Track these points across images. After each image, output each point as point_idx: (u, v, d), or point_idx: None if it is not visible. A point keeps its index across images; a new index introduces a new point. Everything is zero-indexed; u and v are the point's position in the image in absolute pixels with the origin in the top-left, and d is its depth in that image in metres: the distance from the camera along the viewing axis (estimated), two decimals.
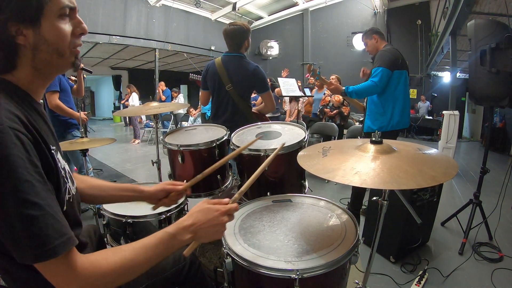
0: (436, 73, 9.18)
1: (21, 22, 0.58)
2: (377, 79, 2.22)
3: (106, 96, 14.60)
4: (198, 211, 0.72)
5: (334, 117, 4.70)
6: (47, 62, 0.64)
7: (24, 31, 0.59)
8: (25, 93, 0.66)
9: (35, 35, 0.60)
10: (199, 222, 0.70)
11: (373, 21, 8.49)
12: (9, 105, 0.58)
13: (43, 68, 0.65)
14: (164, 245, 0.67)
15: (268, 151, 1.29)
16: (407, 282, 1.84)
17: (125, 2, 6.82)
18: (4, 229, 0.52)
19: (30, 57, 0.62)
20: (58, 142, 0.75)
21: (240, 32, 2.00)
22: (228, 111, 2.04)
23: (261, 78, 2.04)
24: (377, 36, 2.43)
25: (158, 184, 1.02)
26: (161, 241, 0.67)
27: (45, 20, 0.61)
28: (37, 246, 0.51)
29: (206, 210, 0.72)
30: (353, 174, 0.80)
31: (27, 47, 0.61)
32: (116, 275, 0.60)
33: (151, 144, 6.90)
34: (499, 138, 6.54)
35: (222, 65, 2.01)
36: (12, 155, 0.51)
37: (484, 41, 2.10)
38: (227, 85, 1.99)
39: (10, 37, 0.59)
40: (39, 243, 0.52)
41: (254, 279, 0.85)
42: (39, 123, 0.65)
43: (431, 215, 2.27)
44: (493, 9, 3.63)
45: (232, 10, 8.41)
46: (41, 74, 0.66)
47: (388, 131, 2.27)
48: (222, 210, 0.73)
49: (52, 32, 0.62)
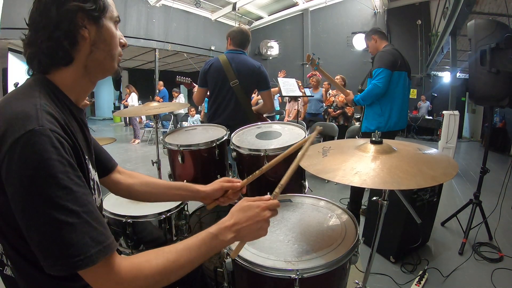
0: (436, 73, 9.18)
1: (87, 16, 0.62)
2: (378, 81, 2.23)
3: (106, 96, 14.60)
4: (239, 210, 0.69)
5: (338, 117, 4.70)
6: (99, 62, 0.67)
7: (88, 26, 0.63)
8: (65, 96, 0.66)
9: (97, 32, 0.64)
10: (241, 221, 0.67)
11: (373, 21, 8.49)
12: (50, 107, 0.58)
13: (93, 68, 0.67)
14: (206, 246, 0.65)
15: (268, 151, 1.29)
16: (407, 282, 1.84)
17: (125, 2, 6.82)
18: (37, 236, 0.50)
19: (86, 53, 0.65)
20: (92, 152, 0.75)
21: (250, 37, 2.18)
22: (229, 108, 2.02)
23: (265, 75, 2.10)
24: (376, 36, 2.43)
25: (214, 182, 0.97)
26: (204, 242, 0.65)
27: (106, 21, 0.66)
28: (73, 255, 0.50)
29: (246, 208, 0.69)
30: (353, 174, 0.80)
31: (88, 42, 0.64)
32: (159, 278, 0.58)
33: (151, 144, 6.90)
34: (499, 138, 6.54)
35: (227, 61, 2.02)
36: (51, 159, 0.50)
37: (484, 41, 2.10)
38: (232, 81, 2.00)
39: (77, 26, 0.61)
40: (74, 252, 0.50)
41: (254, 279, 0.85)
42: (76, 130, 0.65)
43: (431, 215, 2.27)
44: (493, 9, 3.63)
45: (232, 10, 8.42)
46: (88, 74, 0.68)
47: (385, 132, 2.27)
48: (263, 206, 0.69)
49: (110, 34, 0.67)
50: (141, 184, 0.93)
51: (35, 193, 0.49)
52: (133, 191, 0.92)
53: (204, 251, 0.64)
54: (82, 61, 0.65)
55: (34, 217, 0.50)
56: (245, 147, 1.36)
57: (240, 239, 0.69)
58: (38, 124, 0.52)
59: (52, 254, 0.50)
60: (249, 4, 8.67)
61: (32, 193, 0.49)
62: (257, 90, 2.16)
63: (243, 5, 8.38)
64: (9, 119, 0.53)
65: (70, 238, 0.50)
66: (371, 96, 2.30)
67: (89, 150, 0.73)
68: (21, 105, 0.55)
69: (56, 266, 0.50)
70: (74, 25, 0.61)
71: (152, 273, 0.57)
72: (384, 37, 2.45)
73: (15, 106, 0.55)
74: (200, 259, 0.64)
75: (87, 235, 0.51)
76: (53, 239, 0.49)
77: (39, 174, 0.49)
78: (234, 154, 1.40)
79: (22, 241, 0.56)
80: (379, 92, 2.26)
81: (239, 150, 1.38)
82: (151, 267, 0.58)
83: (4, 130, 0.52)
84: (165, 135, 1.67)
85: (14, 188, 0.50)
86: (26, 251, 0.58)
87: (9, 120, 0.53)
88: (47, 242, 0.50)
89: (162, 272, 0.58)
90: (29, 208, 0.50)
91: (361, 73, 5.45)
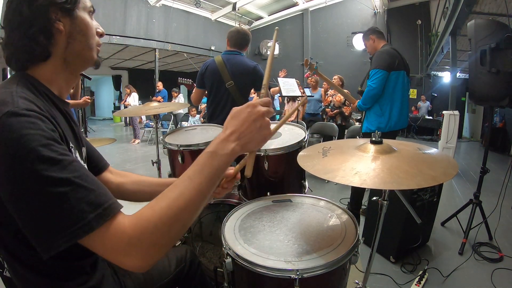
0: (436, 73, 9.18)
1: (60, 9, 0.62)
2: (372, 82, 2.26)
3: (106, 96, 14.61)
4: (230, 119, 0.61)
5: (335, 117, 4.70)
6: (77, 54, 0.67)
7: (62, 19, 0.63)
8: (46, 89, 0.65)
9: (71, 24, 0.64)
10: (237, 127, 0.59)
11: (373, 21, 8.48)
12: (27, 95, 0.57)
13: (72, 60, 0.67)
14: (209, 167, 0.57)
15: (268, 151, 1.29)
16: (407, 282, 1.84)
17: (125, 2, 6.82)
18: (30, 217, 0.48)
19: (64, 46, 0.65)
20: (81, 146, 0.74)
21: (249, 36, 2.16)
22: (226, 109, 2.05)
23: (261, 75, 2.08)
24: (374, 36, 2.43)
25: None
26: (205, 164, 0.57)
27: (79, 12, 0.66)
28: (69, 225, 0.47)
29: (237, 113, 0.61)
30: (353, 174, 0.80)
31: (63, 35, 0.64)
32: (169, 221, 0.52)
33: (151, 144, 6.90)
34: (499, 138, 6.54)
35: (222, 62, 2.04)
36: (29, 134, 0.48)
37: (484, 41, 2.10)
38: (227, 82, 2.01)
39: (51, 21, 0.61)
40: (70, 222, 0.47)
41: (254, 279, 0.85)
42: (60, 120, 0.64)
43: (431, 215, 2.27)
44: (493, 9, 3.63)
45: (232, 10, 8.42)
46: (68, 67, 0.68)
47: (386, 132, 2.28)
48: (253, 103, 0.61)
49: (85, 24, 0.67)
50: (132, 183, 0.91)
51: (19, 172, 0.47)
52: (124, 190, 0.89)
53: (208, 174, 0.57)
54: (60, 55, 0.65)
55: (23, 198, 0.48)
56: None
57: (245, 146, 0.60)
58: (13, 106, 0.51)
59: (49, 231, 0.48)
60: (249, 4, 8.66)
61: (17, 173, 0.47)
62: (254, 90, 2.16)
63: (243, 5, 8.38)
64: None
65: (62, 208, 0.47)
66: (369, 98, 2.31)
67: (76, 141, 0.71)
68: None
69: (55, 242, 0.47)
70: (48, 20, 0.61)
71: (160, 217, 0.51)
72: (382, 37, 2.45)
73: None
74: (207, 185, 0.57)
75: (83, 201, 0.49)
76: (46, 215, 0.47)
77: (19, 152, 0.47)
78: None
79: (18, 244, 0.56)
80: (375, 93, 2.27)
81: None
82: (155, 212, 0.52)
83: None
84: (165, 135, 1.67)
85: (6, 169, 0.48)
86: (22, 254, 0.58)
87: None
88: (41, 220, 0.47)
89: (169, 213, 0.52)
90: (16, 189, 0.48)
91: (361, 73, 5.45)
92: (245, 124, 0.60)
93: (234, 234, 0.98)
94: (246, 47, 2.16)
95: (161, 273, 0.95)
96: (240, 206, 1.18)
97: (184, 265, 1.04)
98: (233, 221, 1.06)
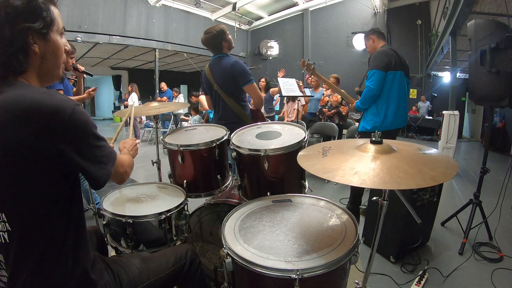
0: (436, 73, 9.18)
1: (37, 34, 0.72)
2: (370, 83, 2.27)
3: (106, 96, 14.61)
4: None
5: (333, 116, 4.70)
6: (48, 71, 0.78)
7: (38, 41, 0.73)
8: None
9: (45, 46, 0.74)
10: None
11: (373, 21, 8.48)
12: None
13: (43, 76, 0.78)
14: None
15: (268, 151, 1.29)
16: (407, 282, 1.84)
17: (125, 2, 6.82)
18: (91, 156, 0.74)
19: (37, 64, 0.75)
20: None
21: (213, 37, 2.07)
22: (220, 110, 2.16)
23: (240, 70, 2.03)
24: (374, 36, 2.45)
25: None
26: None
27: (53, 35, 0.75)
28: (112, 160, 0.81)
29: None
30: (352, 174, 0.80)
31: (37, 55, 0.74)
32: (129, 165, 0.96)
33: (151, 144, 6.91)
34: (499, 138, 6.55)
35: (209, 68, 2.15)
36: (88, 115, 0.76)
37: (484, 41, 2.10)
38: (214, 86, 2.11)
39: (28, 43, 0.71)
40: (112, 157, 0.81)
41: (254, 279, 0.85)
42: None
43: (431, 215, 2.27)
44: (493, 9, 3.63)
45: (232, 10, 8.41)
46: (41, 81, 0.78)
47: (383, 131, 2.28)
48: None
49: (56, 46, 0.77)
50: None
51: (94, 135, 0.75)
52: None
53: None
54: (35, 71, 0.75)
55: (88, 146, 0.74)
56: (245, 147, 1.35)
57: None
58: (73, 103, 0.71)
59: (103, 163, 0.78)
60: (249, 4, 8.65)
61: (93, 136, 0.75)
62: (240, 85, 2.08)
63: (243, 5, 8.36)
64: (51, 104, 0.67)
65: (108, 150, 0.80)
66: (367, 98, 2.32)
67: None
68: (47, 96, 0.69)
69: (106, 169, 0.78)
70: (26, 43, 0.71)
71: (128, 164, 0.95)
72: (382, 37, 2.46)
73: (45, 98, 0.68)
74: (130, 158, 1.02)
75: (110, 149, 0.82)
76: (101, 154, 0.77)
77: (91, 125, 0.74)
78: (234, 154, 1.40)
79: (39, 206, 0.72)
80: (373, 94, 2.28)
81: (239, 150, 1.38)
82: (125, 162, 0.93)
83: (55, 109, 0.67)
84: (165, 135, 1.67)
85: (77, 137, 0.71)
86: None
87: (53, 104, 0.67)
88: (97, 157, 0.76)
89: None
90: (87, 145, 0.73)
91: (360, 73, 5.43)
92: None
93: (234, 234, 0.98)
94: (222, 45, 2.08)
95: (157, 267, 0.99)
96: (240, 206, 1.18)
97: (185, 262, 1.05)
98: (233, 221, 1.06)
